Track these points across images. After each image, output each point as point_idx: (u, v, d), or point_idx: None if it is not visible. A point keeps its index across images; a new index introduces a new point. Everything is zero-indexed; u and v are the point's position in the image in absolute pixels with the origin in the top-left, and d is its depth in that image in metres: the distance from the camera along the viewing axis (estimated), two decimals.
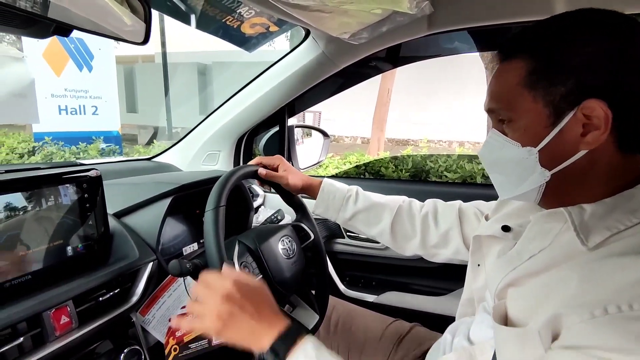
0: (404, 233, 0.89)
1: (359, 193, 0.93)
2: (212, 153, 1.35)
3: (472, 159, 3.16)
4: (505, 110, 0.55)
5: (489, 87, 0.58)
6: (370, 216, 0.91)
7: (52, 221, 0.67)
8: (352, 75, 1.28)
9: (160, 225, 0.84)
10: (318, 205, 0.93)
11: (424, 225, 0.88)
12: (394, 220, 0.89)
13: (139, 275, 0.77)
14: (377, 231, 0.90)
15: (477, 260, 0.74)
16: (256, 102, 1.24)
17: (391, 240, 0.90)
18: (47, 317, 0.60)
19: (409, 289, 1.24)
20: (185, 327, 0.63)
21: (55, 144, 4.93)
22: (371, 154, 7.14)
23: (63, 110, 4.95)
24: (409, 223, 0.89)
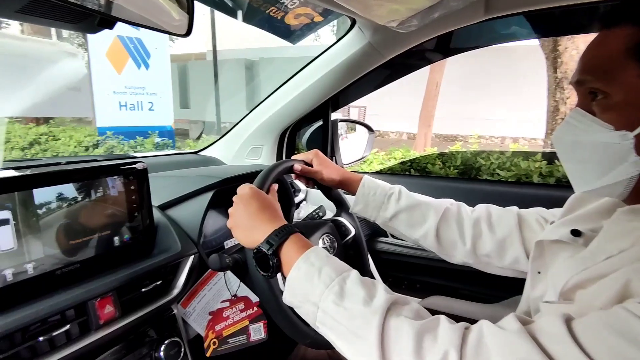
0: (452, 238, 0.82)
1: (402, 191, 0.86)
2: (256, 147, 1.35)
3: (528, 156, 2.95)
4: (601, 83, 0.48)
5: (582, 57, 0.51)
6: (414, 216, 0.83)
7: (101, 212, 0.69)
8: (399, 67, 1.21)
9: (202, 218, 0.84)
10: (357, 202, 0.88)
11: (475, 230, 0.80)
12: (440, 222, 0.81)
13: (181, 267, 0.77)
14: (420, 233, 0.83)
15: (538, 267, 0.67)
16: (299, 95, 1.22)
17: (436, 245, 0.83)
18: (92, 305, 0.62)
19: (456, 293, 1.17)
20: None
21: (115, 137, 5.28)
22: (417, 150, 6.93)
23: (123, 106, 5.26)
24: (457, 227, 0.82)
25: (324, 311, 0.52)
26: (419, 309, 0.53)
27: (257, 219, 0.64)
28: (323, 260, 0.57)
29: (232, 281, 0.87)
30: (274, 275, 0.61)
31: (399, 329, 0.48)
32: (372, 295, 0.52)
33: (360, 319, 0.50)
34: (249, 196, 0.66)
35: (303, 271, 0.56)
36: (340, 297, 0.52)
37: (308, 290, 0.54)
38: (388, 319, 0.49)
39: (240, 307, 0.87)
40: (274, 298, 0.68)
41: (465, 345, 0.45)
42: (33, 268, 0.60)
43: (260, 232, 0.61)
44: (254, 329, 0.88)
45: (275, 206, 0.68)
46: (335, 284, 0.53)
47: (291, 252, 0.59)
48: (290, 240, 0.60)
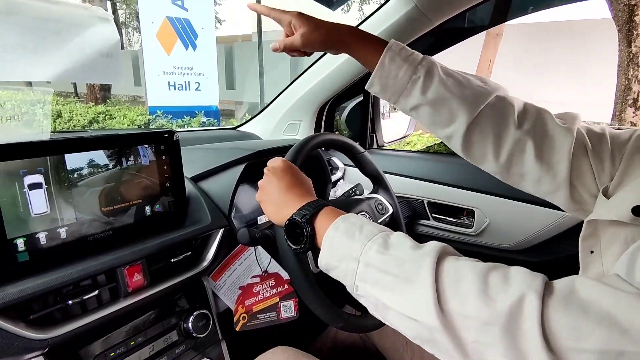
0: (483, 148, 0.63)
1: (432, 75, 0.62)
2: (293, 123, 1.31)
3: None
4: None
5: None
6: (440, 113, 0.63)
7: (132, 181, 0.69)
8: (448, 34, 1.11)
9: (233, 191, 0.82)
10: (374, 82, 0.65)
11: (516, 146, 0.61)
12: (471, 126, 0.62)
13: (211, 240, 0.76)
14: (445, 134, 0.65)
15: (590, 246, 0.56)
16: (338, 68, 1.15)
17: (462, 151, 0.65)
18: (121, 272, 0.62)
19: None
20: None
21: (165, 117, 5.51)
22: None
23: (172, 86, 5.45)
24: (492, 137, 0.62)
25: (367, 263, 0.46)
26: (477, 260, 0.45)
27: (290, 194, 0.60)
28: (363, 220, 0.51)
29: (262, 257, 0.85)
30: (306, 248, 0.56)
31: (458, 270, 0.41)
32: (420, 245, 0.46)
33: (409, 263, 0.43)
34: (282, 170, 0.63)
35: (342, 229, 0.51)
36: (385, 247, 0.46)
37: (348, 246, 0.49)
38: (443, 261, 0.42)
39: (270, 283, 0.85)
40: (304, 275, 0.64)
41: (550, 294, 0.36)
42: (66, 232, 0.60)
43: (292, 207, 0.57)
44: (285, 306, 0.85)
45: (307, 182, 0.64)
46: (378, 237, 0.47)
47: (327, 220, 0.53)
48: (325, 211, 0.55)
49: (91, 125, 6.03)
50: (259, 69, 8.25)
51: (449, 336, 0.39)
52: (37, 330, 0.52)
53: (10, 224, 0.54)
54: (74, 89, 11.03)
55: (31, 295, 0.51)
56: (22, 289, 0.51)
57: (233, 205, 0.84)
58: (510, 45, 7.40)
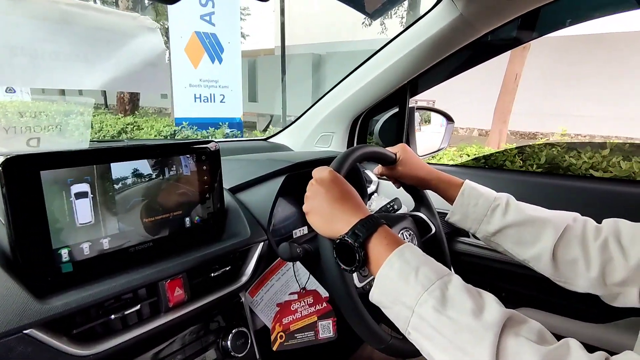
0: (573, 262, 0.66)
1: (510, 203, 0.72)
2: (326, 134, 1.28)
3: (631, 155, 2.51)
4: None
5: None
6: (525, 233, 0.69)
7: (174, 191, 0.67)
8: (492, 45, 1.07)
9: (273, 204, 0.80)
10: (455, 212, 0.77)
11: (604, 254, 0.64)
12: (558, 242, 0.66)
13: (250, 254, 0.73)
14: (532, 253, 0.69)
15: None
16: (375, 78, 1.13)
17: (552, 270, 0.68)
18: (162, 286, 0.59)
19: (551, 307, 1.00)
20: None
21: (190, 128, 5.66)
22: (491, 147, 6.44)
23: (198, 99, 5.63)
24: (580, 249, 0.66)
25: (421, 317, 0.45)
26: (541, 329, 0.43)
27: (340, 207, 0.57)
28: (420, 258, 0.49)
29: (301, 273, 0.82)
30: (356, 270, 0.54)
31: (520, 352, 0.39)
32: (481, 307, 0.43)
33: (468, 333, 0.41)
34: (330, 180, 0.60)
35: (396, 268, 0.49)
36: (443, 304, 0.44)
37: (402, 291, 0.47)
38: (504, 338, 0.40)
39: (309, 301, 0.81)
40: (350, 295, 0.61)
41: None
42: (108, 243, 0.59)
43: (343, 222, 0.55)
44: (323, 326, 0.81)
45: (356, 194, 0.61)
46: (435, 287, 0.45)
47: (380, 247, 0.52)
48: (379, 233, 0.53)
49: (120, 135, 6.23)
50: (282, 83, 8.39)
51: None
52: (80, 346, 0.50)
53: (55, 234, 0.53)
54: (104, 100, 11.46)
55: (76, 309, 0.50)
56: (67, 302, 0.49)
57: (272, 218, 0.81)
58: (539, 59, 7.27)
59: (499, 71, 6.66)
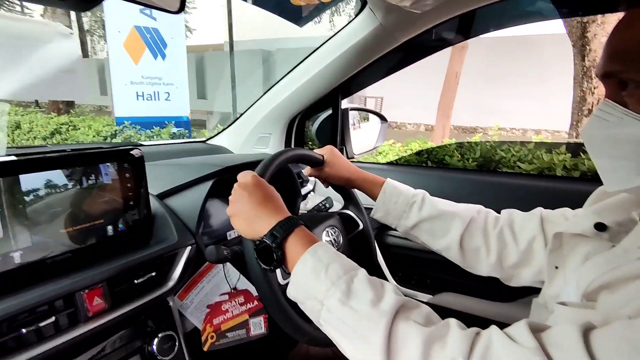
0: (476, 249, 0.76)
1: (425, 199, 0.81)
2: (264, 136, 1.31)
3: (551, 148, 2.80)
4: (633, 71, 0.43)
5: (608, 44, 0.46)
6: (436, 227, 0.79)
7: (93, 200, 0.67)
8: (413, 50, 1.15)
9: (201, 208, 0.81)
10: (377, 209, 0.84)
11: (500, 241, 0.74)
12: (464, 233, 0.76)
13: (177, 259, 0.75)
14: (443, 244, 0.79)
15: (555, 261, 0.62)
16: (308, 82, 1.17)
17: (460, 257, 0.78)
18: (80, 297, 0.59)
19: (469, 291, 1.11)
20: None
21: (133, 127, 5.35)
22: (435, 142, 6.77)
23: (140, 97, 5.31)
24: (482, 238, 0.76)
25: (329, 309, 0.50)
26: (430, 313, 0.49)
27: (260, 209, 0.61)
28: (331, 256, 0.54)
29: (231, 274, 0.84)
30: (275, 269, 0.59)
31: (407, 334, 0.45)
32: (380, 297, 0.48)
33: (366, 320, 0.47)
34: (253, 185, 0.63)
35: (310, 266, 0.53)
36: (347, 296, 0.49)
37: (314, 286, 0.52)
38: (396, 323, 0.46)
39: (240, 300, 0.84)
40: (272, 292, 0.64)
41: (472, 354, 0.42)
42: (20, 256, 0.57)
43: (264, 224, 0.59)
44: (254, 323, 0.84)
45: (278, 197, 0.65)
46: (342, 282, 0.50)
47: (296, 246, 0.56)
48: (296, 234, 0.57)
49: (53, 137, 5.75)
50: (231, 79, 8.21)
51: None
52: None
53: None
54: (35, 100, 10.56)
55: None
56: None
57: (201, 222, 0.82)
58: (477, 57, 7.73)
59: (442, 69, 7.01)
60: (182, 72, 5.71)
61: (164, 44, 5.41)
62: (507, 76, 8.93)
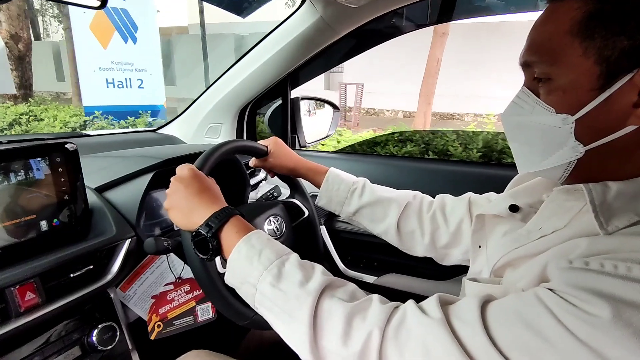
0: (411, 232, 0.81)
1: (365, 186, 0.85)
2: (214, 125, 1.31)
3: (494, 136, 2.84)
4: (546, 65, 0.45)
5: (529, 36, 0.48)
6: (376, 212, 0.83)
7: (24, 196, 0.67)
8: (357, 42, 1.17)
9: (141, 200, 0.82)
10: (321, 196, 0.88)
11: (433, 224, 0.80)
12: (400, 217, 0.81)
13: (116, 252, 0.76)
14: (382, 228, 0.83)
15: (478, 240, 0.67)
16: (256, 71, 1.17)
17: (397, 240, 0.83)
18: (10, 293, 0.60)
19: (412, 271, 1.17)
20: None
21: (105, 118, 4.97)
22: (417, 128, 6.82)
23: (110, 84, 4.94)
24: (417, 221, 0.81)
25: (262, 293, 0.52)
26: (355, 290, 0.53)
27: (196, 201, 0.62)
28: (264, 242, 0.56)
29: (176, 264, 0.86)
30: (212, 258, 0.61)
31: (331, 310, 0.48)
32: (308, 278, 0.52)
33: (294, 300, 0.50)
34: (189, 177, 0.65)
35: (244, 253, 0.55)
36: (277, 279, 0.52)
37: (247, 272, 0.54)
38: (321, 301, 0.49)
39: (185, 289, 0.87)
40: (211, 280, 0.67)
41: (388, 325, 0.45)
42: None
43: (199, 215, 0.60)
44: (202, 309, 0.87)
45: (215, 188, 0.67)
46: (273, 266, 0.53)
47: (231, 235, 0.58)
48: (231, 223, 0.59)
49: (12, 128, 5.37)
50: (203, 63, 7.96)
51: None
52: None
53: None
54: None
55: None
56: None
57: (142, 215, 0.84)
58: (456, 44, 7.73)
59: (423, 55, 7.00)
60: (156, 57, 5.36)
61: (134, 26, 5.02)
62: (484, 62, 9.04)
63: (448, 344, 0.41)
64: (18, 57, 6.39)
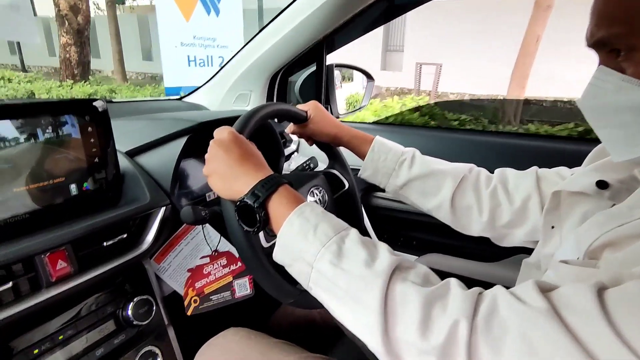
0: (467, 208, 0.73)
1: (415, 157, 0.77)
2: (243, 93, 1.23)
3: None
4: (629, 36, 0.40)
5: (594, 11, 0.43)
6: (427, 185, 0.75)
7: (53, 156, 0.60)
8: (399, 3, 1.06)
9: (175, 166, 0.75)
10: (366, 167, 0.80)
11: (493, 200, 0.71)
12: (455, 192, 0.73)
13: (151, 220, 0.69)
14: (434, 204, 0.75)
15: (551, 221, 0.60)
16: (289, 35, 1.08)
17: (451, 217, 0.75)
18: (40, 260, 0.54)
19: (455, 251, 1.10)
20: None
21: None
22: None
23: (192, 62, 4.13)
24: (474, 197, 0.73)
25: (319, 271, 0.46)
26: (427, 272, 0.46)
27: (240, 168, 0.55)
28: (319, 216, 0.50)
29: (212, 235, 0.80)
30: (259, 231, 0.54)
31: (405, 295, 0.41)
32: (374, 257, 0.45)
33: (360, 281, 0.43)
34: (230, 141, 0.57)
35: (296, 227, 0.49)
36: (339, 257, 0.45)
37: (302, 248, 0.48)
38: (393, 284, 0.42)
39: (222, 262, 0.80)
40: (255, 254, 0.60)
41: (476, 315, 0.38)
42: None
43: (243, 183, 0.54)
44: (239, 284, 0.81)
45: (258, 154, 0.60)
46: (332, 242, 0.46)
47: (281, 206, 0.51)
48: (279, 193, 0.52)
49: None
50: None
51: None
52: None
53: None
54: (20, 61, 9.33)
55: None
56: None
57: (176, 181, 0.77)
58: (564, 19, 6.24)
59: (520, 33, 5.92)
60: (238, 33, 4.42)
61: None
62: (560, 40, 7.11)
63: (560, 339, 0.34)
64: (77, 31, 5.82)
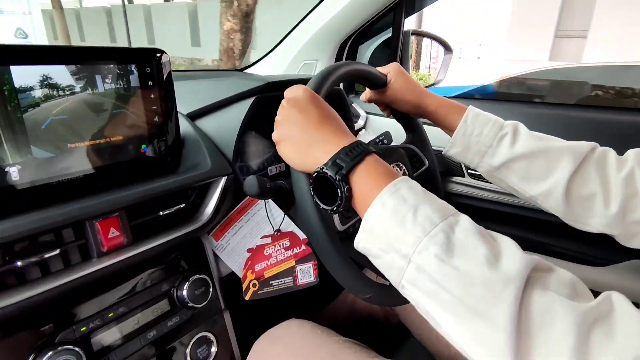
0: (589, 197, 0.55)
1: (519, 131, 0.60)
2: (309, 62, 1.12)
3: None
4: None
5: None
6: (534, 166, 0.58)
7: (110, 111, 0.53)
8: None
9: (240, 131, 0.66)
10: (455, 142, 0.64)
11: (627, 188, 0.54)
12: (574, 175, 0.55)
13: (211, 190, 0.61)
14: (541, 189, 0.58)
15: None
16: None
17: (563, 206, 0.57)
18: (91, 226, 0.47)
19: (550, 251, 0.93)
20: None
21: None
22: None
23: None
24: (598, 183, 0.55)
25: (420, 268, 0.34)
26: (573, 280, 0.33)
27: (318, 132, 0.45)
28: (419, 195, 0.38)
29: (274, 213, 0.71)
30: (340, 210, 0.43)
31: (548, 312, 0.29)
32: (497, 254, 0.33)
33: (482, 288, 0.31)
34: (306, 101, 0.46)
35: (390, 207, 0.37)
36: (448, 252, 0.33)
37: (396, 236, 0.36)
38: (529, 294, 0.30)
39: (285, 244, 0.71)
40: (329, 240, 0.49)
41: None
42: (18, 173, 0.45)
43: (322, 151, 0.43)
44: (302, 270, 0.72)
45: (338, 117, 0.48)
46: (438, 230, 0.34)
47: (369, 180, 0.40)
48: (367, 164, 0.41)
49: None
50: None
51: None
52: None
53: None
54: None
55: None
56: None
57: (241, 149, 0.68)
58: None
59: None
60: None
61: None
62: None
63: None
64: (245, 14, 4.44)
